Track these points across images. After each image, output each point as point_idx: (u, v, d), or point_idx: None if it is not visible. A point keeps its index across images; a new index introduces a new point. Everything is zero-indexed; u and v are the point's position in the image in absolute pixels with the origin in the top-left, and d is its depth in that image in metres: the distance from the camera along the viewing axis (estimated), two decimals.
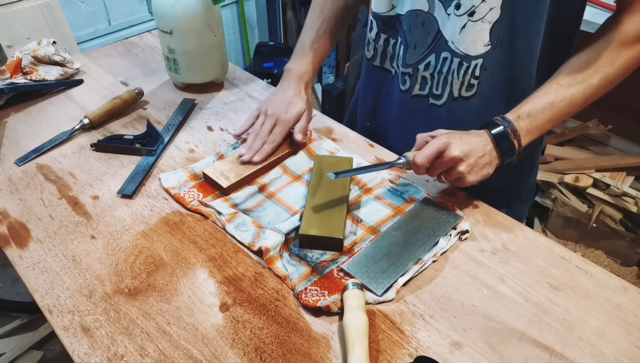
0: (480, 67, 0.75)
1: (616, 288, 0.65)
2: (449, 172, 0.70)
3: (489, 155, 0.70)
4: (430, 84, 0.81)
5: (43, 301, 0.64)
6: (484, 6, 0.70)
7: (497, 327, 0.61)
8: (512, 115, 0.70)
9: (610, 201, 1.73)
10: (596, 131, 1.91)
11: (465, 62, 0.75)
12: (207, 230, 0.74)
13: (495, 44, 0.73)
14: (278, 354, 0.58)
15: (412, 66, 0.81)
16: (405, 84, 0.84)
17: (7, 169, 0.85)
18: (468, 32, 0.73)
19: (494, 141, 0.70)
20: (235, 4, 2.56)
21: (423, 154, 0.68)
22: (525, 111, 0.70)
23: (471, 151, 0.68)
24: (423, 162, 0.68)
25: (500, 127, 0.69)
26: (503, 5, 0.69)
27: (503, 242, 0.72)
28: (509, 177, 0.89)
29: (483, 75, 0.76)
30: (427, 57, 0.79)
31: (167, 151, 0.90)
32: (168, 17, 0.96)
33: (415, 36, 0.78)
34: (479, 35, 0.72)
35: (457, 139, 0.68)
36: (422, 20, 0.77)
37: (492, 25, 0.71)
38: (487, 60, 0.74)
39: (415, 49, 0.79)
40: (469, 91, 0.78)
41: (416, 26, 0.77)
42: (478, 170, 0.69)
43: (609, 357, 0.58)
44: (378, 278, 0.65)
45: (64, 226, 0.74)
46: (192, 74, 1.04)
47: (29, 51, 1.07)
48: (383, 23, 0.83)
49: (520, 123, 0.69)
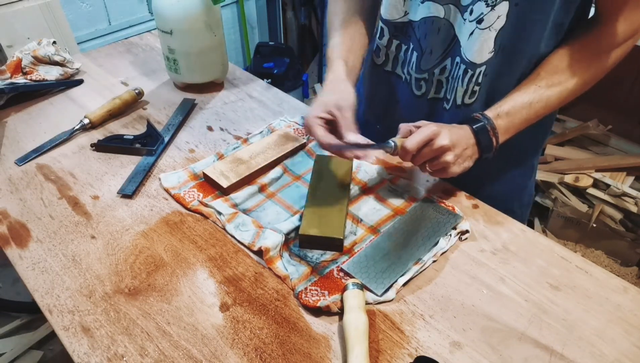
0: (483, 73, 0.76)
1: (616, 288, 0.65)
2: (434, 161, 0.70)
3: (472, 149, 0.71)
4: (445, 88, 0.82)
5: (43, 301, 0.64)
6: (492, 14, 0.70)
7: (497, 327, 0.61)
8: (491, 113, 0.72)
9: (610, 201, 1.73)
10: (596, 131, 1.91)
11: (470, 70, 0.76)
12: (207, 230, 0.74)
13: (498, 50, 0.73)
14: (278, 354, 0.58)
15: (427, 71, 0.82)
16: (421, 89, 0.84)
17: (7, 169, 0.85)
18: (475, 39, 0.73)
19: (475, 136, 0.71)
20: (235, 4, 2.56)
21: (414, 140, 0.68)
22: (504, 109, 0.71)
23: (458, 142, 0.69)
24: (413, 147, 0.69)
25: (480, 123, 0.71)
26: (509, 13, 0.69)
27: (503, 242, 0.72)
28: (509, 182, 0.89)
29: (484, 81, 0.76)
30: (443, 62, 0.79)
31: (167, 151, 0.90)
32: (168, 17, 0.96)
33: (431, 42, 0.79)
34: (485, 43, 0.73)
35: (445, 129, 0.69)
36: (438, 26, 0.77)
37: (497, 32, 0.71)
38: (489, 66, 0.75)
39: (432, 54, 0.80)
40: (471, 98, 0.79)
41: (432, 32, 0.78)
42: (462, 161, 0.70)
43: (609, 357, 0.58)
44: (378, 278, 0.65)
45: (64, 226, 0.74)
46: (192, 74, 1.04)
47: (29, 51, 1.07)
48: (395, 29, 0.83)
49: (499, 121, 0.71)
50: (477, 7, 0.70)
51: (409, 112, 0.88)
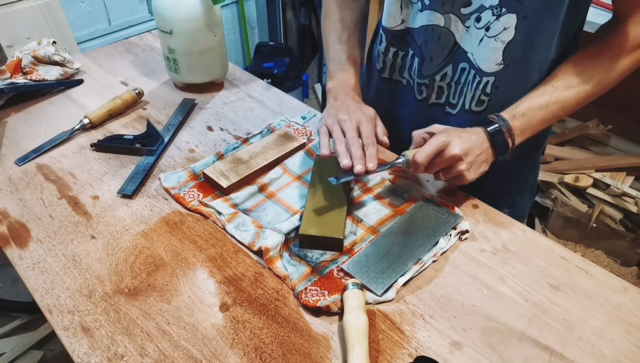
0: (492, 85, 0.76)
1: (616, 288, 0.65)
2: (448, 170, 0.70)
3: (486, 153, 0.70)
4: (447, 93, 0.82)
5: (43, 301, 0.64)
6: (497, 24, 0.70)
7: (497, 327, 0.61)
8: (507, 114, 0.71)
9: (610, 201, 1.73)
10: (596, 131, 1.91)
11: (479, 76, 0.76)
12: (207, 230, 0.74)
13: (508, 63, 0.73)
14: (278, 354, 0.58)
15: (428, 77, 0.82)
16: (422, 94, 0.84)
17: (7, 169, 0.85)
18: (484, 46, 0.73)
19: (489, 139, 0.70)
20: (235, 4, 2.56)
21: (423, 153, 0.68)
22: (520, 110, 0.71)
23: (470, 149, 0.68)
24: (423, 160, 0.68)
25: (495, 125, 0.70)
26: (518, 26, 0.69)
27: (503, 242, 0.72)
28: (512, 177, 0.89)
29: (494, 93, 0.76)
30: (444, 69, 0.80)
31: (167, 151, 0.90)
32: (168, 17, 0.96)
33: (431, 49, 0.79)
34: (492, 54, 0.73)
35: (456, 138, 0.68)
36: (438, 34, 0.77)
37: (506, 45, 0.71)
38: (498, 79, 0.75)
39: (432, 61, 0.80)
40: (479, 107, 0.79)
41: (432, 40, 0.78)
42: (477, 168, 0.70)
43: (609, 357, 0.58)
44: (378, 278, 0.65)
45: (64, 226, 0.74)
46: (192, 74, 1.04)
47: (29, 50, 1.07)
48: (392, 37, 0.84)
49: (515, 122, 0.70)
50: (484, 15, 0.71)
51: (411, 116, 0.89)
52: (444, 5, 0.74)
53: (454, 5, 0.73)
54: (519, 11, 0.68)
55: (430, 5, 0.75)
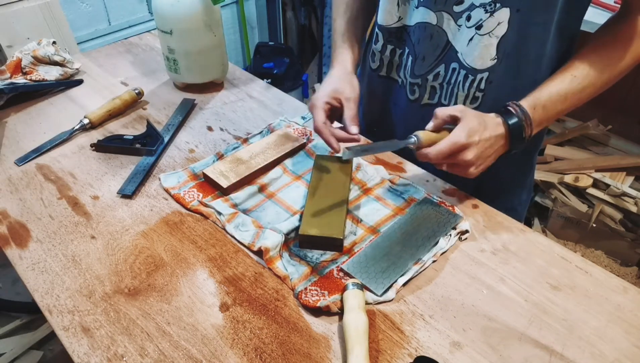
0: (486, 80, 0.75)
1: (616, 288, 0.65)
2: (454, 167, 0.69)
3: (496, 152, 0.69)
4: (440, 93, 0.81)
5: (43, 301, 0.64)
6: (491, 20, 0.70)
7: (497, 327, 0.61)
8: (528, 103, 0.69)
9: (610, 201, 1.73)
10: (596, 131, 1.91)
11: (471, 75, 0.75)
12: (207, 230, 0.74)
13: (502, 58, 0.73)
14: (278, 354, 0.58)
15: (421, 77, 0.81)
16: (415, 94, 0.84)
17: (7, 169, 0.85)
18: (475, 45, 0.73)
19: (508, 135, 0.69)
20: (235, 4, 2.56)
21: (439, 152, 0.66)
22: (542, 101, 0.69)
23: (483, 153, 0.67)
24: (438, 160, 0.67)
25: (516, 118, 0.68)
26: (511, 20, 0.69)
27: (503, 242, 0.72)
28: (508, 179, 0.89)
29: (488, 88, 0.76)
30: (436, 68, 0.79)
31: (167, 151, 0.90)
32: (168, 17, 0.96)
33: (423, 48, 0.78)
34: (486, 50, 0.72)
35: (474, 144, 0.66)
36: (430, 32, 0.77)
37: (500, 39, 0.71)
38: (492, 73, 0.74)
39: (424, 60, 0.79)
40: (473, 104, 0.78)
41: (425, 38, 0.77)
42: (483, 168, 0.69)
43: (609, 357, 0.58)
44: (378, 278, 0.65)
45: (63, 226, 0.74)
46: (192, 74, 1.04)
47: (29, 51, 1.07)
48: (389, 35, 0.83)
49: (535, 115, 0.69)
50: (475, 13, 0.70)
51: (404, 116, 0.88)
52: (436, 3, 0.73)
53: (446, 3, 0.73)
54: (512, 4, 0.68)
55: (424, 2, 0.75)
